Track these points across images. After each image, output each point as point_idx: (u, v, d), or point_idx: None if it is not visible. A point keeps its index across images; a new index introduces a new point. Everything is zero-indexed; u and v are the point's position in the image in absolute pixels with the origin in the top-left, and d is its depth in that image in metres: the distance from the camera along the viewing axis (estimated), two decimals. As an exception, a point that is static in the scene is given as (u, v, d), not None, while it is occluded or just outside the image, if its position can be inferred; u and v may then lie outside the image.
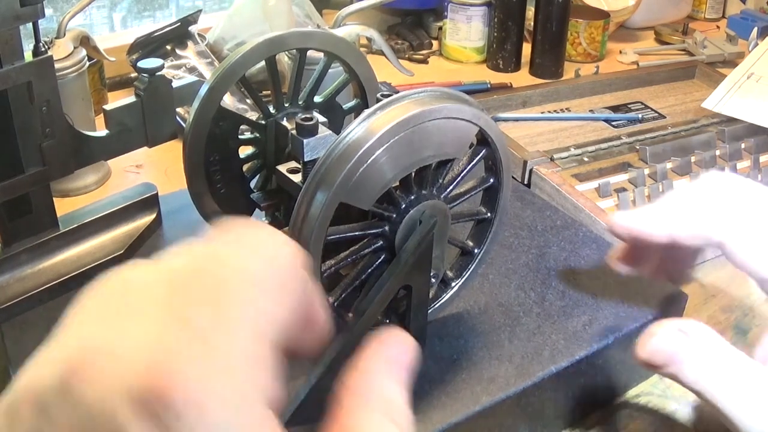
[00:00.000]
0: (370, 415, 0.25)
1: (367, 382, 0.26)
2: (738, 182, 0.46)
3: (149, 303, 0.22)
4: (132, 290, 0.22)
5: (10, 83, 0.48)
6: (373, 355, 0.26)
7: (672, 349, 0.39)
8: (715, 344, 0.39)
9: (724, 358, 0.39)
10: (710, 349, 0.39)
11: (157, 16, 1.25)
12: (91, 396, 0.20)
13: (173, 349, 0.20)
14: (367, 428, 0.24)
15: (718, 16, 1.42)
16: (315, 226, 0.38)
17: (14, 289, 0.51)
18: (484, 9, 1.14)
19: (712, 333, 0.40)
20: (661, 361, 0.39)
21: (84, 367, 0.20)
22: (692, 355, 0.39)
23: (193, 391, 0.20)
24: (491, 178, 0.48)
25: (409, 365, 0.27)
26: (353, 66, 0.54)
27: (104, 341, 0.21)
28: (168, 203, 0.61)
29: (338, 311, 0.42)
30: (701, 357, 0.39)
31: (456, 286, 0.49)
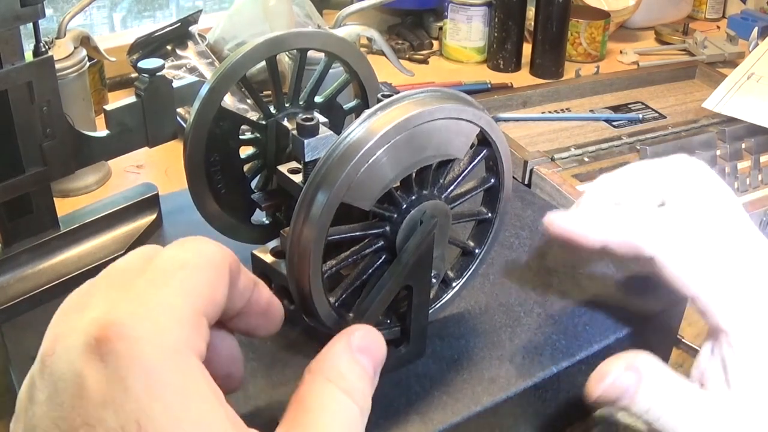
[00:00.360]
0: (322, 386, 0.29)
1: (325, 361, 0.30)
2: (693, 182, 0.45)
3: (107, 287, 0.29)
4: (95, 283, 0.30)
5: (10, 83, 0.48)
6: (335, 341, 0.31)
7: (622, 387, 0.41)
8: (660, 374, 0.41)
9: (669, 387, 0.41)
10: (657, 380, 0.41)
11: (158, 16, 1.25)
12: (58, 363, 0.26)
13: (117, 309, 0.26)
14: (319, 396, 0.28)
15: (719, 16, 1.43)
16: (316, 227, 0.38)
17: (15, 290, 0.51)
18: (485, 9, 1.14)
19: (657, 363, 0.41)
20: (614, 398, 0.41)
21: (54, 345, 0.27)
22: (641, 389, 0.40)
23: (129, 332, 0.25)
24: (492, 178, 0.48)
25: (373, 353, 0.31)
26: (354, 66, 0.54)
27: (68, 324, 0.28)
28: (168, 203, 0.61)
29: (339, 311, 0.42)
30: (650, 389, 0.40)
31: (457, 287, 0.49)
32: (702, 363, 0.43)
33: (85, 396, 0.25)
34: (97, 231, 0.56)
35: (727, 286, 0.41)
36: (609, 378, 0.41)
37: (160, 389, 0.25)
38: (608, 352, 0.49)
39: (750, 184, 0.79)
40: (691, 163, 0.46)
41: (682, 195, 0.45)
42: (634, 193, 0.46)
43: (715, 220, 0.44)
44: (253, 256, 0.50)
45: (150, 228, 0.59)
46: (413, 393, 0.44)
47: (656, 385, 0.40)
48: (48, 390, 0.26)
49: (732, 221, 0.44)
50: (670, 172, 0.46)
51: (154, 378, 0.25)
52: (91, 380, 0.25)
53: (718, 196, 0.45)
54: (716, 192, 0.45)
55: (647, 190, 0.46)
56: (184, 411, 0.25)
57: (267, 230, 0.54)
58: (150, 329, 0.26)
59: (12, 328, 0.49)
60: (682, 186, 0.45)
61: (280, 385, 0.45)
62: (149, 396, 0.24)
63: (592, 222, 0.45)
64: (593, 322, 0.50)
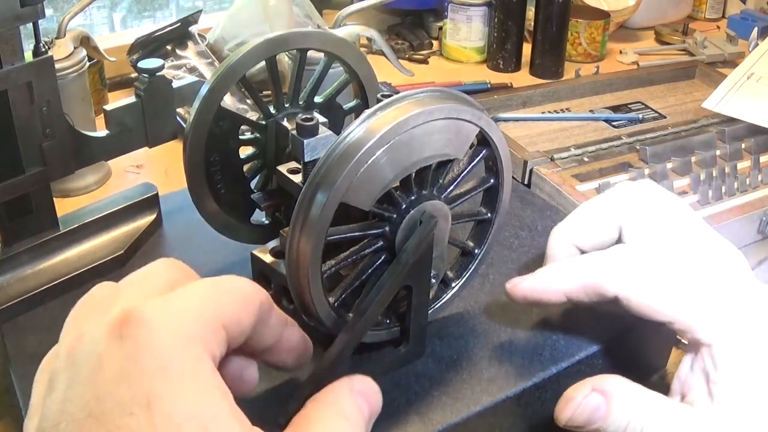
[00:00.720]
0: (325, 409, 0.31)
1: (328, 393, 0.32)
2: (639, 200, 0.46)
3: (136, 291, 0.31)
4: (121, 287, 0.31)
5: (10, 83, 0.48)
6: (338, 382, 0.33)
7: (590, 410, 0.41)
8: (633, 392, 0.41)
9: (646, 403, 0.41)
10: (630, 398, 0.41)
11: (157, 16, 1.25)
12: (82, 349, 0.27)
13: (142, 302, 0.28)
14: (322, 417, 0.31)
15: (719, 16, 1.43)
16: (315, 227, 0.38)
17: (14, 290, 0.51)
18: (485, 9, 1.14)
19: (628, 383, 0.41)
20: (582, 422, 0.41)
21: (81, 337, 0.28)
22: (613, 408, 0.41)
23: (148, 318, 0.27)
24: (491, 178, 0.48)
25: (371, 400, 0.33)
26: (353, 66, 0.54)
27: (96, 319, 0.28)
28: (168, 203, 0.61)
29: (338, 311, 0.42)
30: (623, 407, 0.40)
31: (456, 287, 0.49)
32: (683, 375, 0.43)
33: (101, 372, 0.26)
34: (97, 231, 0.56)
35: (702, 301, 0.41)
36: (575, 401, 0.41)
37: (171, 371, 0.26)
38: (608, 352, 0.49)
39: (750, 184, 0.79)
40: (641, 189, 0.47)
41: (637, 224, 0.45)
42: (591, 234, 0.47)
43: (674, 239, 0.44)
44: (253, 256, 0.50)
45: (150, 228, 0.59)
46: (413, 393, 0.44)
47: (630, 402, 0.40)
48: (68, 376, 0.27)
49: (692, 236, 0.44)
50: (621, 203, 0.46)
51: (167, 360, 0.26)
52: (109, 358, 0.26)
53: (673, 216, 0.45)
54: (671, 212, 0.45)
55: (603, 227, 0.47)
56: (191, 394, 0.26)
57: (267, 230, 0.54)
58: (168, 319, 0.27)
59: (12, 328, 0.49)
60: (635, 215, 0.46)
61: (280, 385, 0.45)
62: (161, 376, 0.26)
63: (550, 277, 0.45)
64: (593, 322, 0.50)
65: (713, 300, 0.41)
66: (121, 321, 0.27)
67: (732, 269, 0.42)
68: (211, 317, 0.29)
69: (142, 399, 0.25)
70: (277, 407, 0.43)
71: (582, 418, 0.41)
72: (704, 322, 0.41)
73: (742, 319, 0.41)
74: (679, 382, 0.43)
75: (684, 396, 0.42)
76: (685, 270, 0.42)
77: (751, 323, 0.41)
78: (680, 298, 0.41)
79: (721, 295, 0.41)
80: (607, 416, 0.40)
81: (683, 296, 0.41)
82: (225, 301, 0.30)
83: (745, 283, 0.42)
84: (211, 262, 0.55)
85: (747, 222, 0.74)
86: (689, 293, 0.41)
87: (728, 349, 0.40)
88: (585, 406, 0.41)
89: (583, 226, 0.48)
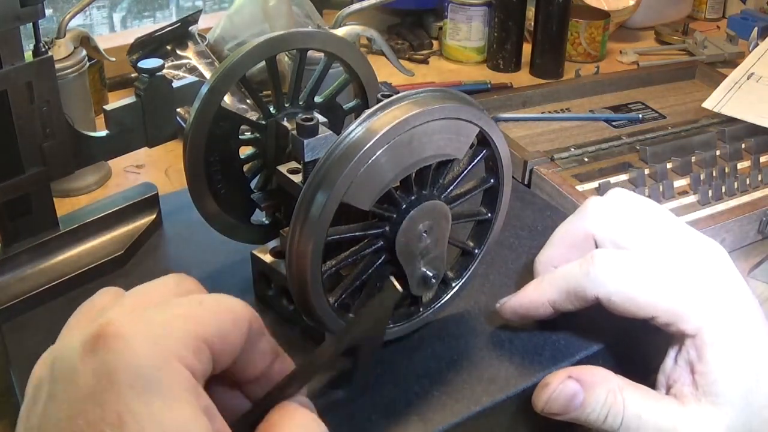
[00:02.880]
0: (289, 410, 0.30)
1: None
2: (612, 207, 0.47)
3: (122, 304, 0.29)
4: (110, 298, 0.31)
5: (10, 83, 0.48)
6: None
7: (566, 397, 0.41)
8: (611, 385, 0.41)
9: (623, 396, 0.41)
10: (609, 387, 0.41)
11: (157, 17, 1.25)
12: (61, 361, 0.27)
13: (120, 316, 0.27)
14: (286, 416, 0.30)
15: (719, 16, 1.42)
16: (315, 227, 0.38)
17: (14, 290, 0.51)
18: (485, 9, 1.14)
19: (606, 374, 0.42)
20: (558, 410, 0.42)
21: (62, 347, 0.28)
22: (591, 397, 0.41)
23: (123, 332, 0.26)
24: (492, 178, 0.48)
25: None
26: (353, 66, 0.54)
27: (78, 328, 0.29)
28: (168, 203, 0.61)
29: (338, 311, 0.42)
30: (600, 396, 0.41)
31: (456, 287, 0.49)
32: (668, 369, 0.43)
33: (75, 389, 0.26)
34: (97, 231, 0.56)
35: (684, 293, 0.41)
36: (550, 387, 0.42)
37: (143, 387, 0.25)
38: (608, 351, 0.49)
39: (750, 184, 0.79)
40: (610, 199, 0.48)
41: (610, 231, 0.46)
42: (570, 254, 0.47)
43: (650, 238, 0.44)
44: (253, 256, 0.50)
45: (150, 228, 0.59)
46: (413, 393, 0.44)
47: (609, 393, 0.41)
48: (48, 389, 0.27)
49: (670, 233, 0.44)
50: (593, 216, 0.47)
51: (140, 375, 0.25)
52: (83, 374, 0.26)
53: (647, 217, 0.45)
54: (644, 214, 0.45)
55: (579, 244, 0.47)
56: (166, 411, 0.25)
57: (267, 230, 0.54)
58: (147, 333, 0.27)
59: (12, 328, 0.49)
60: (607, 224, 0.46)
61: (280, 385, 0.45)
62: (133, 391, 0.25)
63: (534, 291, 0.46)
64: (593, 322, 0.50)
65: (695, 291, 0.41)
66: (97, 334, 0.26)
67: (712, 262, 0.43)
68: (193, 332, 0.28)
69: (113, 418, 0.25)
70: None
71: (557, 405, 0.41)
72: (687, 314, 0.41)
73: (725, 310, 0.41)
74: (664, 376, 0.43)
75: (669, 388, 0.42)
76: (665, 265, 0.42)
77: (734, 313, 0.41)
78: (661, 292, 0.42)
79: (703, 286, 0.42)
80: (585, 405, 0.41)
81: (664, 290, 0.42)
82: (210, 316, 0.29)
83: (726, 275, 0.42)
84: (211, 262, 0.55)
85: (747, 222, 0.74)
86: (670, 287, 0.42)
87: (712, 339, 0.40)
88: (560, 393, 0.41)
89: (561, 248, 0.48)
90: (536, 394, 0.43)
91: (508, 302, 0.47)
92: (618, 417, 0.40)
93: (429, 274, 0.44)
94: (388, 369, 0.46)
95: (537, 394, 0.43)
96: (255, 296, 0.52)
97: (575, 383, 0.41)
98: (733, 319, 0.41)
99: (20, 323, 0.50)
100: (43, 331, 0.49)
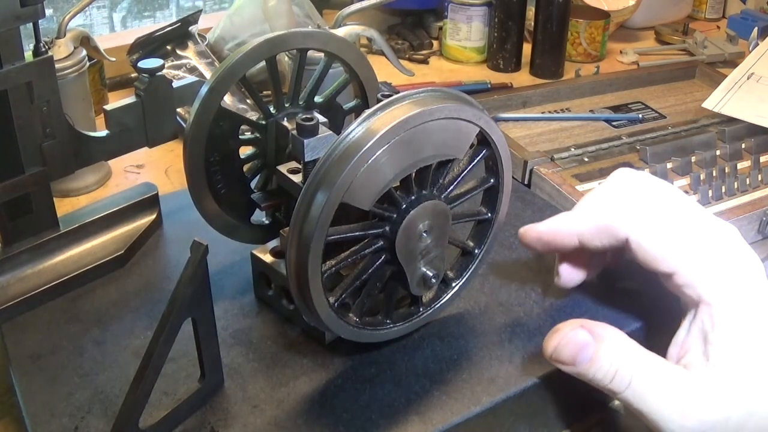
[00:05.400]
0: None
1: None
2: (641, 179, 0.46)
3: None
4: None
5: (10, 83, 0.48)
6: None
7: (576, 346, 0.40)
8: (626, 343, 0.41)
9: (634, 357, 0.40)
10: (621, 346, 0.41)
11: (157, 17, 1.25)
12: None
13: None
14: None
15: (719, 16, 1.42)
16: (315, 227, 0.38)
17: (15, 290, 0.51)
18: (485, 9, 1.14)
19: (619, 333, 0.41)
20: (568, 357, 0.41)
21: None
22: (602, 351, 0.40)
23: None
24: (492, 178, 0.48)
25: None
26: (353, 66, 0.54)
27: None
28: (168, 203, 0.61)
29: (338, 311, 0.43)
30: (612, 352, 0.40)
31: (456, 287, 0.49)
32: (680, 339, 0.43)
33: None
34: (97, 231, 0.56)
35: (705, 260, 0.42)
36: (560, 334, 0.41)
37: None
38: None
39: (750, 184, 0.79)
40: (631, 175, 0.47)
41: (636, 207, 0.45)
42: None
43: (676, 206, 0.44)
44: (253, 256, 0.50)
45: (150, 228, 0.59)
46: (413, 393, 0.44)
47: (620, 351, 0.40)
48: None
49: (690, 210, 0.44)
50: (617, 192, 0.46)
51: None
52: None
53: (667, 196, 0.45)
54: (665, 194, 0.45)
55: None
56: None
57: (267, 230, 0.54)
58: None
59: (12, 328, 0.49)
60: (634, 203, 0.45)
61: (280, 385, 0.45)
62: None
63: (564, 220, 0.46)
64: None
65: (716, 261, 0.42)
66: None
67: (731, 239, 0.43)
68: None
69: None
70: (277, 409, 0.43)
71: (567, 352, 0.41)
72: (707, 280, 0.41)
73: (742, 283, 0.41)
74: (676, 347, 0.43)
75: (680, 359, 0.42)
76: (691, 231, 0.43)
77: (750, 288, 0.41)
78: (688, 251, 0.42)
79: (723, 258, 0.42)
80: (595, 359, 0.40)
81: (691, 250, 0.42)
82: None
83: (743, 252, 0.43)
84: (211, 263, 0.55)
85: (747, 222, 0.74)
86: (696, 250, 0.42)
87: (727, 310, 0.40)
88: (571, 340, 0.41)
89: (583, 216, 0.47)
90: (546, 339, 0.42)
91: (534, 227, 0.46)
92: (625, 378, 0.40)
93: (429, 274, 0.44)
94: (388, 369, 0.46)
95: (547, 339, 0.42)
96: (255, 296, 0.52)
97: (587, 333, 0.40)
98: (748, 293, 0.41)
99: (20, 323, 0.50)
100: (43, 331, 0.49)
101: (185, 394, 0.42)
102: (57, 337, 0.48)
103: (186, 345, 0.41)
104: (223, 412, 0.43)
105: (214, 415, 0.43)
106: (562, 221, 0.46)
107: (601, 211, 0.45)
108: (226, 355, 0.46)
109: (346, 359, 0.46)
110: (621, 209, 0.44)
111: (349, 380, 0.45)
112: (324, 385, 0.45)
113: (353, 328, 0.44)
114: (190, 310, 0.39)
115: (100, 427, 0.42)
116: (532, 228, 0.47)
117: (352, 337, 0.44)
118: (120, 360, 0.46)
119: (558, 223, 0.46)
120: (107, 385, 0.45)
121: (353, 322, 0.44)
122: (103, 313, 0.50)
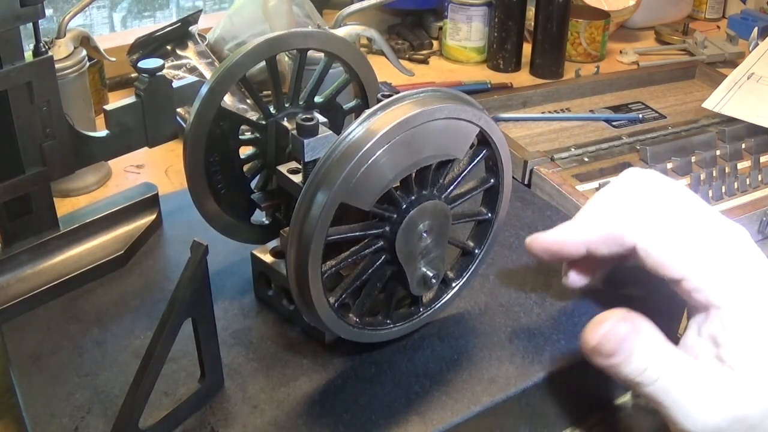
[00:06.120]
0: None
1: None
2: (647, 180, 0.46)
3: None
4: None
5: (10, 83, 0.48)
6: None
7: (619, 336, 0.39)
8: (657, 336, 0.40)
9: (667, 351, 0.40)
10: (654, 340, 0.40)
11: (158, 17, 1.25)
12: None
13: None
14: None
15: (719, 16, 1.43)
16: (315, 227, 0.38)
17: (14, 290, 0.51)
18: (485, 9, 1.14)
19: (652, 326, 0.41)
20: (610, 350, 0.39)
21: None
22: (638, 345, 0.39)
23: None
24: (492, 178, 0.48)
25: None
26: (353, 66, 0.54)
27: None
28: (168, 203, 0.61)
29: (338, 311, 0.43)
30: (647, 346, 0.39)
31: (456, 287, 0.49)
32: (689, 341, 0.42)
33: None
34: (97, 231, 0.56)
35: (714, 264, 0.41)
36: (606, 325, 0.39)
37: None
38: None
39: (750, 184, 0.79)
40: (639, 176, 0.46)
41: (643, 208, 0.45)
42: None
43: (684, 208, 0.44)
44: (253, 256, 0.50)
45: (150, 228, 0.59)
46: (413, 393, 0.44)
47: (653, 344, 0.40)
48: None
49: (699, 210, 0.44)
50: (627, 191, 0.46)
51: None
52: None
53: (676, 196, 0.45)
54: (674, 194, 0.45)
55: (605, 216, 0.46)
56: None
57: (267, 230, 0.54)
58: None
59: (12, 328, 0.49)
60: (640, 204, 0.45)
61: (280, 386, 0.45)
62: None
63: (572, 228, 0.46)
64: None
65: (725, 265, 0.41)
66: None
67: (740, 241, 0.43)
68: None
69: None
70: (278, 409, 0.43)
71: (611, 345, 0.39)
72: (716, 284, 0.41)
73: (752, 286, 0.41)
74: (685, 349, 0.42)
75: None
76: (699, 235, 0.42)
77: (760, 291, 0.41)
78: (696, 256, 0.41)
79: (732, 261, 0.41)
80: (632, 352, 0.39)
81: (699, 255, 0.41)
82: None
83: (753, 254, 0.42)
84: (211, 263, 0.55)
85: (747, 222, 0.74)
86: (704, 254, 0.42)
87: (738, 313, 0.40)
88: (617, 332, 0.39)
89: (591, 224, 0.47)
90: (589, 330, 0.40)
91: (541, 237, 0.46)
92: (655, 373, 0.39)
93: (429, 274, 0.44)
94: (389, 369, 0.46)
95: (590, 331, 0.40)
96: (255, 296, 0.52)
97: (630, 324, 0.39)
98: (758, 295, 0.41)
99: (20, 323, 0.50)
100: (43, 331, 0.49)
101: (185, 394, 0.42)
102: (57, 337, 0.48)
103: (186, 345, 0.41)
104: (223, 413, 0.43)
105: (214, 416, 0.43)
106: (569, 231, 0.46)
107: (607, 218, 0.44)
108: (226, 355, 0.46)
109: (346, 359, 0.46)
110: (627, 216, 0.44)
111: (349, 380, 0.45)
112: (324, 385, 0.45)
113: (353, 328, 0.44)
114: (190, 310, 0.39)
115: (100, 427, 0.42)
116: (538, 238, 0.47)
117: (352, 337, 0.44)
118: (120, 360, 0.46)
119: (564, 233, 0.46)
120: (107, 385, 0.44)
121: (353, 323, 0.44)
122: (103, 313, 0.50)
